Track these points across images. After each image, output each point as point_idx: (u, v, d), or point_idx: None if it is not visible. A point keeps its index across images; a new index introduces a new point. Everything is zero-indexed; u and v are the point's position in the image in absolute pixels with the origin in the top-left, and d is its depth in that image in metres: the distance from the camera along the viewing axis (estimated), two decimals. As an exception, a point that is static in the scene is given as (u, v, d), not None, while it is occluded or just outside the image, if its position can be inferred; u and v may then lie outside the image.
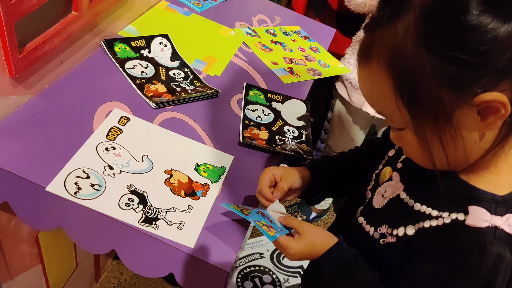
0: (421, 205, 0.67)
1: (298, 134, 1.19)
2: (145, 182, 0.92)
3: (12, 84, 0.93)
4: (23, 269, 1.19)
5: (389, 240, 0.70)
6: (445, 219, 0.63)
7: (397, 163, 0.76)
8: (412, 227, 0.67)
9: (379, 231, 0.73)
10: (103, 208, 0.85)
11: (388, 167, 0.78)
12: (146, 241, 0.85)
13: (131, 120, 1.04)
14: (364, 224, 0.77)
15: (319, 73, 1.44)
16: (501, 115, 0.55)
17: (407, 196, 0.70)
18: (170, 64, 1.25)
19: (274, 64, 1.42)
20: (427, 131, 0.58)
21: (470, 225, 0.61)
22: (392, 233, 0.70)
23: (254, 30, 1.56)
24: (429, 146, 0.59)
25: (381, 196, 0.76)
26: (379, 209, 0.75)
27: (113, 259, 1.79)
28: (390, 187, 0.75)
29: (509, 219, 0.60)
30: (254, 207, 0.88)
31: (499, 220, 0.60)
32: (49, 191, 0.84)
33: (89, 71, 1.13)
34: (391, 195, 0.73)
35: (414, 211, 0.68)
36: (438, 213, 0.65)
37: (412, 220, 0.67)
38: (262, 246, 1.97)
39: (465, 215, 0.61)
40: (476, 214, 0.60)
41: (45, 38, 0.96)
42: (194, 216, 0.90)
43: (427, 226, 0.65)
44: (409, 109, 0.57)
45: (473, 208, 0.61)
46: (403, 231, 0.68)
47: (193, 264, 0.84)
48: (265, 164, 1.07)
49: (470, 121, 0.56)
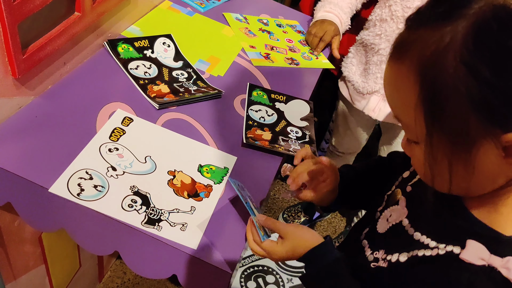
0: (421, 235, 0.64)
1: (302, 135, 1.18)
2: (148, 183, 0.92)
3: (15, 85, 0.93)
4: (26, 270, 1.19)
5: (380, 265, 0.68)
6: (439, 250, 0.60)
7: (407, 186, 0.73)
8: (406, 254, 0.64)
9: (375, 255, 0.71)
10: (106, 209, 0.84)
11: (398, 189, 0.75)
12: (149, 243, 0.85)
13: (134, 121, 1.04)
14: (367, 247, 0.74)
15: (297, 63, 1.45)
16: None
17: (408, 224, 0.67)
18: (173, 64, 1.25)
19: (251, 47, 1.44)
20: (439, 153, 0.54)
21: (464, 260, 0.56)
22: (386, 258, 0.67)
23: (246, 17, 1.57)
24: (435, 168, 0.56)
25: (385, 221, 0.74)
26: (382, 233, 0.73)
27: (116, 259, 1.79)
28: (395, 212, 0.72)
29: (510, 262, 0.54)
30: None
31: (498, 261, 0.55)
32: (52, 192, 0.84)
33: (92, 72, 1.13)
34: (394, 221, 0.71)
35: (414, 241, 0.64)
36: (436, 244, 0.61)
37: (408, 248, 0.64)
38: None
39: (461, 249, 0.57)
40: (474, 250, 0.56)
41: (48, 39, 0.96)
42: (197, 217, 0.90)
43: (420, 255, 0.62)
44: (427, 124, 0.53)
45: (471, 242, 0.56)
46: (396, 257, 0.65)
47: (196, 265, 0.84)
48: (268, 165, 1.07)
49: (490, 156, 0.52)
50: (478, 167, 0.53)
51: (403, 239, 0.66)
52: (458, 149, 0.52)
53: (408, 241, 0.65)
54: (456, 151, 0.53)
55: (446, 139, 0.53)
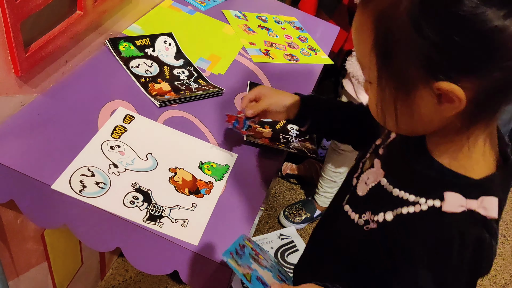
0: (399, 190, 0.68)
1: (302, 132, 1.19)
2: (149, 180, 0.93)
3: (17, 83, 0.94)
4: (29, 267, 1.20)
5: (371, 227, 0.71)
6: (422, 206, 0.64)
7: (380, 149, 0.77)
8: (391, 212, 0.67)
9: (363, 217, 0.73)
10: (108, 206, 0.85)
11: (373, 154, 0.80)
12: (150, 239, 0.85)
13: (135, 118, 1.04)
14: (350, 212, 0.77)
15: (296, 59, 1.46)
16: (455, 106, 0.57)
17: (387, 182, 0.71)
18: (175, 62, 1.25)
19: (251, 44, 1.45)
20: (386, 94, 0.61)
21: (447, 212, 0.61)
22: (373, 219, 0.70)
23: (244, 14, 1.58)
24: (384, 107, 0.62)
25: (364, 184, 0.77)
26: (362, 196, 0.76)
27: (118, 256, 1.80)
28: (372, 174, 0.76)
29: (483, 201, 0.61)
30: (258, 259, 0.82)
31: (474, 204, 0.61)
32: (55, 189, 0.85)
33: (94, 70, 1.14)
34: (373, 182, 0.74)
35: (393, 197, 0.68)
36: (415, 199, 0.65)
37: (391, 206, 0.68)
38: (267, 244, 1.98)
39: (442, 201, 0.62)
40: (452, 200, 0.61)
41: (50, 37, 0.97)
42: (198, 214, 0.90)
43: (404, 213, 0.66)
44: (378, 68, 0.59)
45: (449, 194, 0.62)
46: (382, 217, 0.69)
47: (197, 261, 0.85)
48: (268, 162, 1.08)
49: (427, 101, 0.58)
50: (417, 109, 0.60)
51: (384, 198, 0.70)
52: (401, 92, 0.59)
53: (389, 199, 0.69)
54: (400, 94, 0.59)
55: (392, 82, 0.59)
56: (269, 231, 2.02)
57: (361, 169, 0.81)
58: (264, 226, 2.07)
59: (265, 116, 1.01)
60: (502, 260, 2.18)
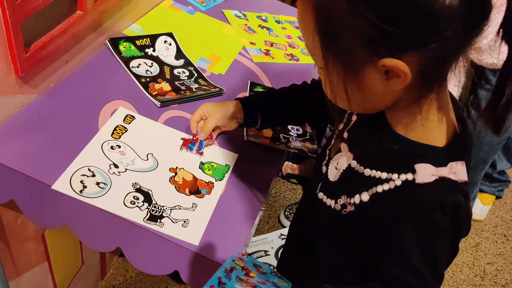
0: (370, 170, 0.69)
1: (302, 132, 1.19)
2: (150, 180, 0.93)
3: (18, 83, 0.94)
4: (29, 267, 1.20)
5: (349, 209, 0.72)
6: (396, 182, 0.65)
7: (344, 133, 0.78)
8: (366, 193, 0.68)
9: (339, 202, 0.74)
10: (109, 206, 0.85)
11: (338, 139, 0.80)
12: (151, 239, 0.85)
13: (136, 118, 1.04)
14: (325, 198, 0.78)
15: (296, 59, 1.46)
16: (402, 80, 0.58)
17: (357, 164, 0.72)
18: (175, 62, 1.25)
19: (251, 44, 1.45)
20: (334, 76, 0.62)
21: (421, 183, 0.63)
22: (350, 202, 0.71)
23: (245, 14, 1.58)
24: (334, 89, 0.63)
25: (334, 169, 0.78)
26: (335, 181, 0.77)
27: (118, 256, 1.80)
28: (341, 158, 0.76)
29: (453, 167, 0.63)
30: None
31: (445, 171, 0.63)
32: (55, 189, 0.85)
33: (94, 70, 1.14)
34: (343, 166, 0.75)
35: (366, 177, 0.69)
36: (388, 175, 0.66)
37: (365, 186, 0.69)
38: (267, 244, 1.98)
39: (413, 174, 0.64)
40: (424, 171, 0.63)
41: (51, 37, 0.97)
42: (198, 214, 0.90)
43: (380, 191, 0.67)
44: (323, 52, 0.61)
45: (420, 166, 0.63)
46: (358, 198, 0.69)
47: (198, 261, 0.85)
48: (269, 162, 1.07)
49: (375, 79, 0.60)
50: (367, 88, 0.62)
51: (357, 179, 0.71)
52: (349, 73, 0.61)
53: (362, 180, 0.70)
54: (348, 74, 0.61)
55: (339, 64, 0.61)
56: (269, 231, 2.02)
57: (328, 156, 0.82)
58: (264, 226, 2.07)
59: (219, 130, 1.06)
60: (503, 260, 2.18)
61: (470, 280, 2.07)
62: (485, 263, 2.15)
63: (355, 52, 0.58)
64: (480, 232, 2.29)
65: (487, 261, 2.16)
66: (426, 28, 0.54)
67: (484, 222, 2.34)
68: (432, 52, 0.56)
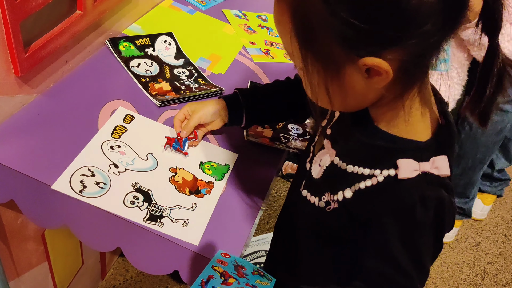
0: (353, 166, 0.69)
1: (303, 132, 1.19)
2: (150, 180, 0.93)
3: (17, 83, 0.94)
4: (29, 267, 1.19)
5: (333, 206, 0.72)
6: (378, 177, 0.65)
7: (327, 130, 0.78)
8: (349, 189, 0.68)
9: (323, 199, 0.74)
10: (108, 206, 0.85)
11: (321, 136, 0.80)
12: (151, 239, 0.85)
13: (135, 118, 1.04)
14: (309, 196, 0.78)
15: None
16: (383, 78, 0.58)
17: (340, 160, 0.71)
18: (175, 62, 1.25)
19: (251, 44, 1.44)
20: (314, 77, 0.61)
21: (403, 178, 0.63)
22: (333, 199, 0.71)
23: (245, 13, 1.58)
24: (315, 90, 0.63)
25: (318, 166, 0.78)
26: (318, 178, 0.77)
27: (118, 256, 1.80)
28: (324, 155, 0.76)
29: (435, 162, 0.63)
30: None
31: (427, 166, 0.63)
32: (55, 189, 0.85)
33: (94, 70, 1.14)
34: (326, 163, 0.75)
35: (348, 174, 0.69)
36: (370, 171, 0.66)
37: (348, 183, 0.69)
38: (267, 244, 1.97)
39: (396, 170, 0.64)
40: (406, 166, 0.63)
41: (50, 37, 0.97)
42: (198, 214, 0.90)
43: (362, 187, 0.67)
44: (301, 54, 0.60)
45: (402, 161, 0.63)
46: (342, 195, 0.69)
47: (198, 261, 0.85)
48: (269, 161, 1.07)
49: (356, 78, 0.59)
50: (349, 87, 0.61)
51: (340, 176, 0.71)
52: (330, 73, 0.60)
53: (345, 177, 0.70)
54: (328, 75, 0.60)
55: (318, 65, 0.60)
56: (269, 231, 2.02)
57: (312, 153, 0.82)
58: (264, 226, 2.07)
59: (205, 130, 1.04)
60: (504, 260, 2.18)
61: (470, 279, 2.07)
62: (486, 262, 2.15)
63: (334, 53, 0.57)
64: (481, 231, 2.29)
65: (487, 260, 2.16)
66: (404, 24, 0.54)
67: (485, 222, 2.33)
68: (412, 47, 0.55)
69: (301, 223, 0.82)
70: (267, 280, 0.78)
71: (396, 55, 0.56)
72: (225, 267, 0.77)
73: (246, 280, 0.77)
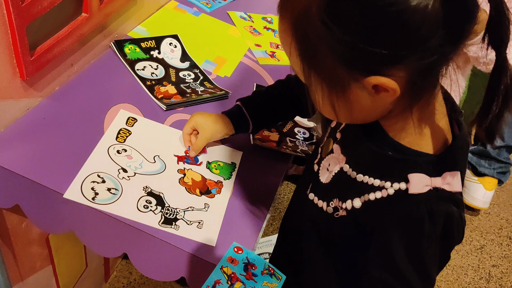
0: (363, 175, 0.68)
1: (309, 136, 1.18)
2: (160, 183, 0.92)
3: (23, 87, 0.93)
4: (34, 270, 1.19)
5: (341, 214, 0.71)
6: (388, 190, 0.64)
7: (337, 133, 0.77)
8: (358, 199, 0.68)
9: (331, 205, 0.73)
10: (123, 212, 0.84)
11: (330, 139, 0.79)
12: (157, 245, 0.84)
13: (138, 120, 1.03)
14: (316, 200, 0.77)
15: None
16: (391, 94, 0.57)
17: (349, 168, 0.71)
18: (180, 65, 1.24)
19: (257, 46, 1.44)
20: (319, 94, 0.61)
21: (414, 193, 0.62)
22: (342, 206, 0.71)
23: (250, 15, 1.57)
24: (320, 105, 0.63)
25: (326, 170, 0.77)
26: (327, 184, 0.76)
27: (122, 259, 1.79)
28: (333, 160, 0.76)
29: (447, 178, 0.62)
30: None
31: (439, 181, 0.62)
32: (67, 198, 0.83)
33: (99, 73, 1.13)
34: (336, 169, 0.74)
35: (358, 183, 0.68)
36: (380, 183, 0.66)
37: (357, 192, 0.68)
38: (271, 246, 1.97)
39: (406, 184, 0.63)
40: (417, 181, 0.62)
41: (56, 40, 0.96)
42: (211, 214, 0.90)
43: (372, 199, 0.66)
44: (304, 72, 0.60)
45: (413, 176, 0.62)
46: (350, 204, 0.69)
47: (204, 267, 0.84)
48: (276, 165, 1.06)
49: (363, 95, 0.59)
50: (355, 103, 0.60)
51: (349, 184, 0.70)
52: (334, 90, 0.59)
53: (354, 185, 0.69)
54: (333, 92, 0.60)
55: (323, 83, 0.60)
56: (273, 233, 2.02)
57: (320, 154, 0.81)
58: (268, 228, 2.06)
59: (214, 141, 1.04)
60: (509, 263, 2.17)
61: (475, 283, 2.06)
62: (490, 265, 2.14)
63: (338, 72, 0.57)
64: (485, 234, 2.28)
65: (492, 263, 2.15)
66: (408, 42, 0.52)
67: (489, 224, 2.32)
68: (417, 63, 0.54)
69: (306, 226, 0.82)
70: (276, 280, 0.78)
71: (402, 72, 0.55)
72: (235, 267, 0.77)
73: (254, 283, 0.77)
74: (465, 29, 0.54)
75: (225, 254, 0.77)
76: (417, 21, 0.51)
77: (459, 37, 0.54)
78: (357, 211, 0.68)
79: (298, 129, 1.19)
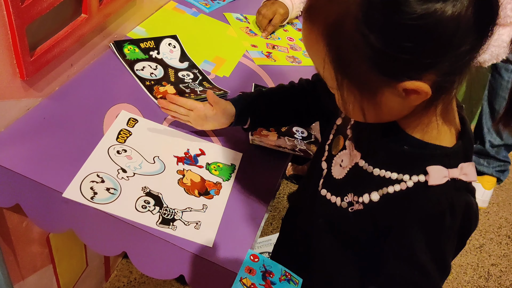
0: (380, 169, 0.69)
1: (307, 135, 1.19)
2: (159, 184, 0.92)
3: (23, 87, 0.94)
4: (34, 270, 1.19)
5: (357, 208, 0.72)
6: (407, 183, 0.66)
7: (347, 130, 0.78)
8: (376, 192, 0.69)
9: (346, 200, 0.74)
10: (121, 212, 0.85)
11: (339, 136, 0.80)
12: (156, 243, 0.85)
13: (139, 121, 1.04)
14: (329, 196, 0.78)
15: (298, 61, 1.46)
16: (422, 97, 0.59)
17: (365, 163, 0.71)
18: (179, 65, 1.25)
19: (253, 46, 1.44)
20: (350, 99, 0.62)
21: (433, 185, 0.64)
22: (358, 200, 0.71)
23: (246, 17, 1.58)
24: (350, 110, 0.64)
25: (339, 166, 0.77)
26: (340, 179, 0.77)
27: (122, 258, 1.79)
28: (346, 156, 0.76)
29: (463, 168, 0.64)
30: None
31: (456, 172, 0.64)
32: (66, 197, 0.84)
33: (98, 73, 1.13)
34: (349, 165, 0.75)
35: (375, 177, 0.69)
36: (398, 176, 0.67)
37: (374, 186, 0.69)
38: (270, 245, 1.97)
39: (425, 176, 0.64)
40: (436, 173, 0.64)
41: (56, 41, 0.97)
42: (209, 215, 0.90)
43: (391, 192, 0.67)
44: (337, 79, 0.61)
45: (432, 168, 0.64)
46: (368, 197, 0.70)
47: (204, 265, 0.85)
48: (274, 164, 1.07)
49: (393, 99, 0.60)
50: (384, 107, 0.62)
51: (366, 178, 0.71)
52: (366, 96, 0.61)
53: (371, 179, 0.70)
54: (365, 98, 0.61)
55: (354, 90, 0.61)
56: (273, 232, 2.02)
57: (328, 152, 0.82)
58: (268, 227, 2.06)
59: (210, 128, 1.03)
60: (508, 262, 2.18)
61: (474, 281, 2.06)
62: (489, 264, 2.15)
63: (371, 78, 0.58)
64: (484, 233, 2.28)
65: (491, 262, 2.16)
66: (443, 50, 0.55)
67: (488, 223, 2.33)
68: (448, 67, 0.56)
69: (318, 222, 0.82)
70: (294, 285, 0.78)
71: (433, 75, 0.57)
72: (253, 277, 0.77)
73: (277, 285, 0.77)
74: (490, 29, 0.56)
75: (242, 264, 0.77)
76: (452, 29, 0.53)
77: (485, 38, 0.56)
78: (375, 204, 0.69)
79: (297, 128, 1.19)
